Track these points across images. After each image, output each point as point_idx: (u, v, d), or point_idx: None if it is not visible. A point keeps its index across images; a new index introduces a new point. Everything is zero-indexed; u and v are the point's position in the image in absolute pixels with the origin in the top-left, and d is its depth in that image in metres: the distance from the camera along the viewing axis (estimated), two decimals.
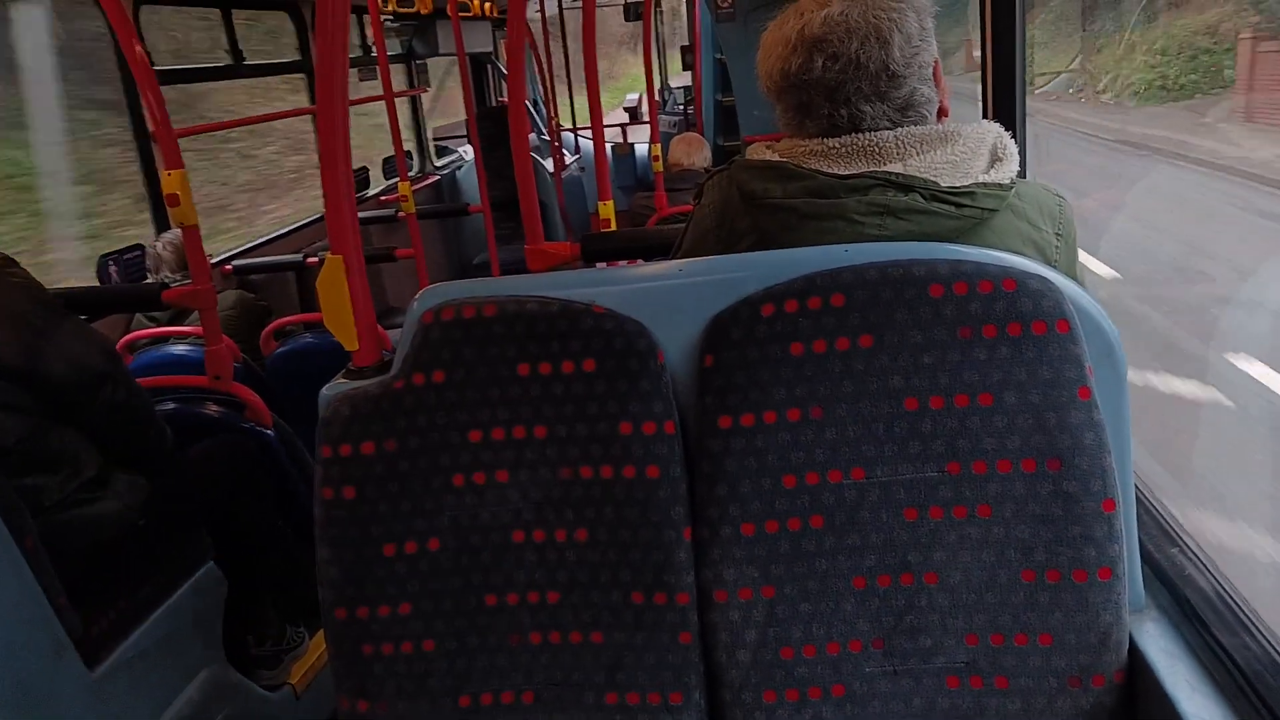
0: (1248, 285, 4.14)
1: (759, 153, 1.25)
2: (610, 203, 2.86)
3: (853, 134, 1.18)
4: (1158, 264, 5.20)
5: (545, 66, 6.73)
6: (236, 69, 4.63)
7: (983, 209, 1.14)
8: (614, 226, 2.86)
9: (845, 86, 1.17)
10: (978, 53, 1.98)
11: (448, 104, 8.80)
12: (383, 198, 5.92)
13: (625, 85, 16.30)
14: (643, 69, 4.89)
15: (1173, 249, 5.27)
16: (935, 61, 1.22)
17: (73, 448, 1.96)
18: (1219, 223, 5.19)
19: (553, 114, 6.93)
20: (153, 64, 2.73)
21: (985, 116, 1.98)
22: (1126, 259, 5.09)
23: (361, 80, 6.14)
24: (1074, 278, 1.16)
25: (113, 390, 2.02)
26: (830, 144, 1.18)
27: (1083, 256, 1.28)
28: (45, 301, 1.97)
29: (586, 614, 1.18)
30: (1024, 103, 1.93)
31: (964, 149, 1.16)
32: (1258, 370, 3.53)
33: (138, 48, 2.46)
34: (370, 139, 6.69)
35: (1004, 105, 1.94)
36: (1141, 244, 5.43)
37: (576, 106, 7.40)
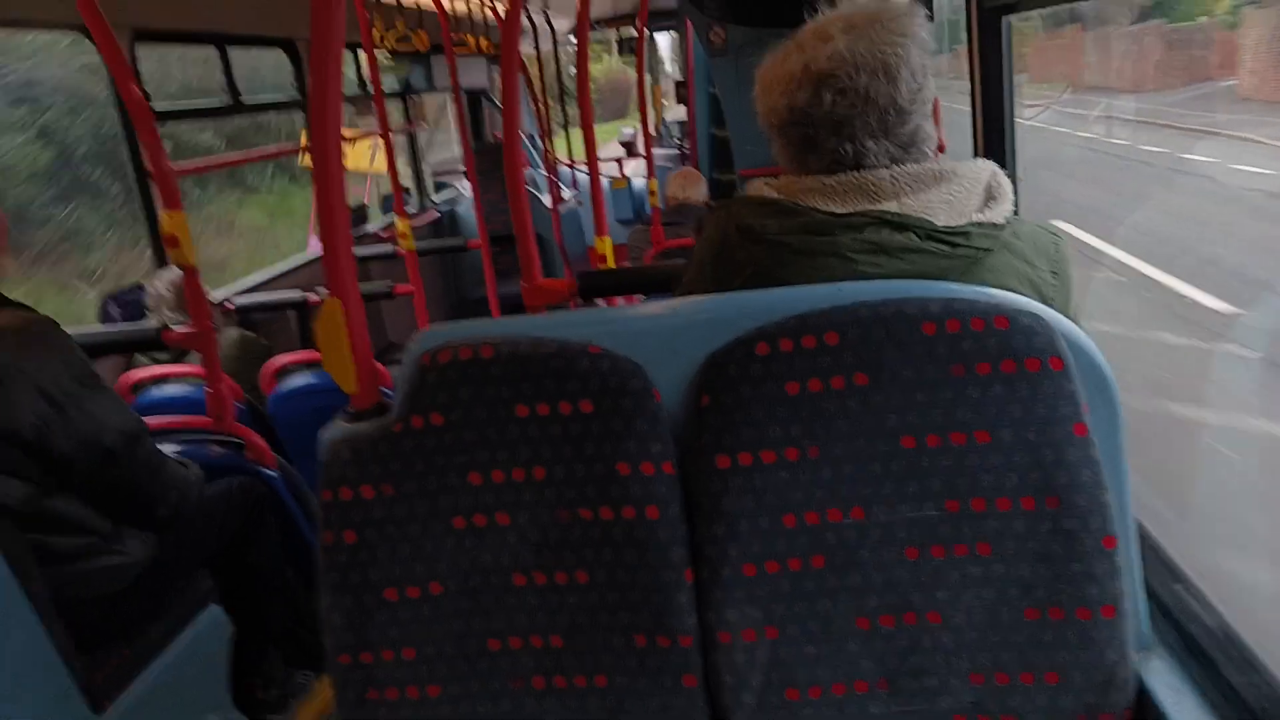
0: None
1: (759, 189, 1.26)
2: (607, 238, 2.87)
3: (851, 172, 1.18)
4: None
5: (540, 101, 6.77)
6: (234, 107, 4.67)
7: (977, 249, 1.15)
8: (611, 261, 2.87)
9: (853, 121, 1.17)
10: None
11: (445, 140, 8.85)
12: (382, 232, 5.94)
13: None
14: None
15: None
16: (935, 99, 1.22)
17: (81, 513, 1.96)
18: None
19: (548, 148, 6.97)
20: (150, 103, 2.74)
21: (976, 154, 2.00)
22: None
23: (359, 116, 6.19)
24: (1070, 316, 1.16)
25: (125, 468, 2.00)
26: (828, 181, 1.18)
27: None
28: (78, 373, 1.95)
29: (589, 657, 1.17)
30: (1014, 140, 1.95)
31: (959, 188, 1.16)
32: None
33: (134, 88, 2.45)
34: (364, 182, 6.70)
35: (994, 142, 1.96)
36: None
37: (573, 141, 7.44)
